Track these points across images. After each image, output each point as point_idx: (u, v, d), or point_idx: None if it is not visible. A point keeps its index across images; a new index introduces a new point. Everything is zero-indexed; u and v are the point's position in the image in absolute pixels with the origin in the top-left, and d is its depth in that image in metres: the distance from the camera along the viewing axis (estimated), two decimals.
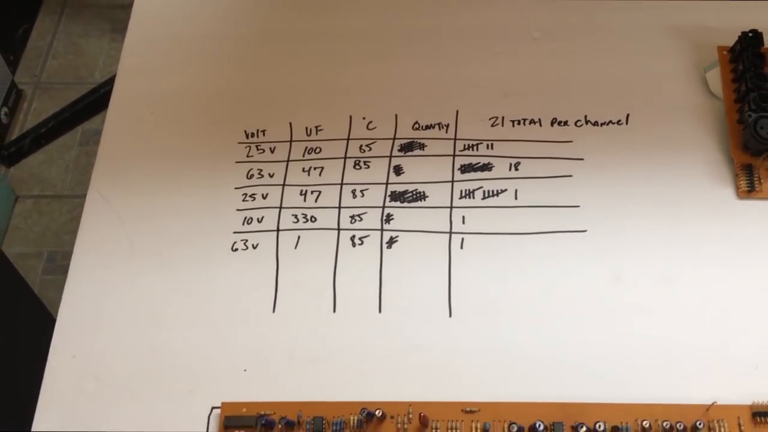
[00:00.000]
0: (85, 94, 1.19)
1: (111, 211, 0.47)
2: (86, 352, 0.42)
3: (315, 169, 0.48)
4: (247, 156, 0.49)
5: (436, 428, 0.39)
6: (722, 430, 0.38)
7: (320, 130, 0.50)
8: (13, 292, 0.68)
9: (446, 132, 0.49)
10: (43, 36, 1.31)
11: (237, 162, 0.49)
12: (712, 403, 0.38)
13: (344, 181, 0.47)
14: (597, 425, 0.38)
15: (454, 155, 0.48)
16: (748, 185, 0.45)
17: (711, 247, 0.44)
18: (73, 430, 0.40)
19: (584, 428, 0.38)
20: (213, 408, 0.40)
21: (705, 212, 0.45)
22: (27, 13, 1.30)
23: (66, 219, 1.14)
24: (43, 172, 1.18)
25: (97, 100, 1.18)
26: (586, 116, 0.49)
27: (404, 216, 0.46)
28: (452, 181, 0.47)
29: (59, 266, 1.09)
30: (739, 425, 0.38)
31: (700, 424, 0.37)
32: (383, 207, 0.46)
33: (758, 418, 0.38)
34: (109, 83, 1.17)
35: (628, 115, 0.49)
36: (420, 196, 0.47)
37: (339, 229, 0.46)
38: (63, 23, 1.33)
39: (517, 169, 0.47)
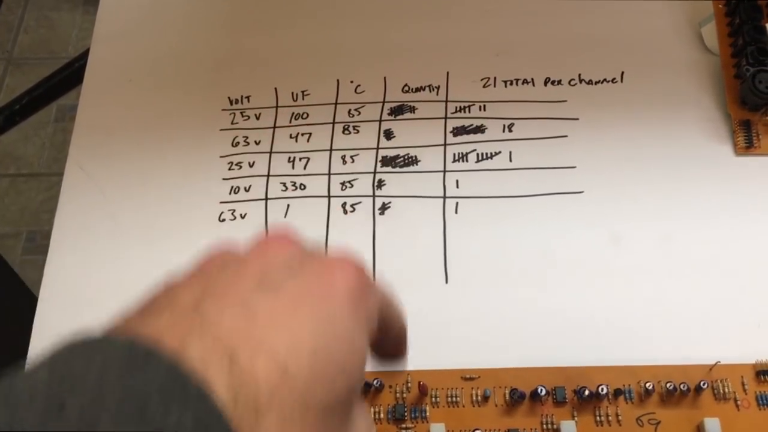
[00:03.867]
0: (59, 69, 1.15)
1: (91, 184, 0.45)
2: (70, 331, 0.41)
3: (303, 135, 0.46)
4: (232, 123, 0.47)
5: (436, 396, 0.38)
6: (726, 389, 0.37)
7: (307, 94, 0.48)
8: None
9: (437, 94, 0.47)
10: (13, 10, 1.27)
11: (221, 130, 0.47)
12: (716, 363, 0.37)
13: (333, 147, 0.46)
14: (599, 388, 0.37)
15: (445, 118, 0.47)
16: (746, 141, 0.44)
17: (710, 205, 0.43)
18: None
19: (587, 392, 0.37)
20: None
21: (703, 170, 0.44)
22: None
23: (44, 197, 1.11)
24: (19, 150, 1.15)
25: (71, 75, 1.14)
26: (579, 75, 0.48)
27: (396, 181, 0.45)
28: (444, 145, 0.46)
29: (39, 246, 1.07)
30: (743, 384, 0.37)
31: (703, 384, 0.37)
32: (374, 173, 0.45)
33: (762, 377, 0.37)
34: (83, 57, 1.14)
35: (622, 73, 0.48)
36: (412, 161, 0.45)
37: (329, 197, 0.44)
38: None
39: (510, 131, 0.46)
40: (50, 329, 0.41)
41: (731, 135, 0.45)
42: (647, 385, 0.37)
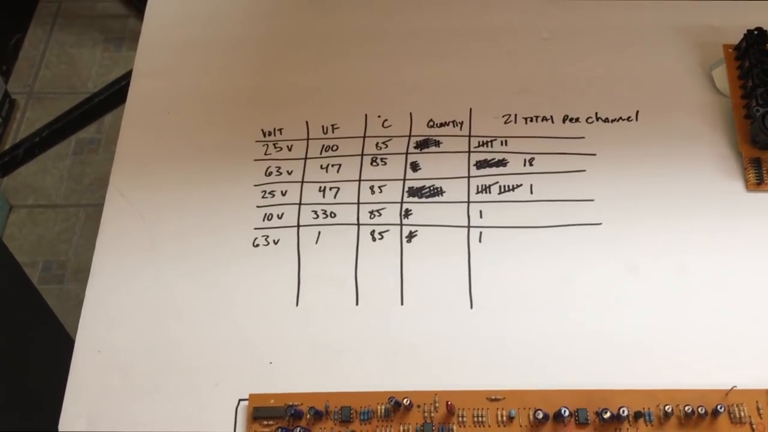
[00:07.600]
0: (79, 104, 1.19)
1: (131, 211, 0.47)
2: (111, 348, 0.42)
3: (333, 166, 0.49)
4: (265, 154, 0.49)
5: (463, 416, 0.39)
6: (742, 413, 0.39)
7: (336, 128, 0.50)
8: (21, 296, 0.68)
9: (461, 129, 0.50)
10: (36, 46, 1.30)
11: (255, 160, 0.49)
12: (732, 388, 0.39)
13: (362, 178, 0.48)
14: (621, 411, 0.38)
15: (469, 152, 0.49)
16: (756, 178, 0.46)
17: (723, 238, 0.45)
18: (100, 426, 0.40)
19: (608, 414, 0.38)
20: (240, 400, 0.40)
21: (716, 204, 0.46)
22: (19, 23, 1.30)
23: (61, 228, 1.13)
24: (37, 182, 1.17)
25: (90, 110, 1.17)
26: (596, 113, 0.50)
27: (422, 211, 0.47)
28: (468, 177, 0.48)
29: (55, 275, 1.08)
30: (758, 409, 0.39)
31: (720, 408, 0.38)
32: (401, 202, 0.47)
33: None
34: (103, 92, 1.18)
35: (637, 112, 0.50)
36: (437, 192, 0.47)
37: (359, 225, 0.46)
38: (55, 33, 1.33)
39: (531, 165, 0.48)
40: (91, 348, 0.42)
41: (742, 172, 0.47)
42: (666, 408, 0.39)
